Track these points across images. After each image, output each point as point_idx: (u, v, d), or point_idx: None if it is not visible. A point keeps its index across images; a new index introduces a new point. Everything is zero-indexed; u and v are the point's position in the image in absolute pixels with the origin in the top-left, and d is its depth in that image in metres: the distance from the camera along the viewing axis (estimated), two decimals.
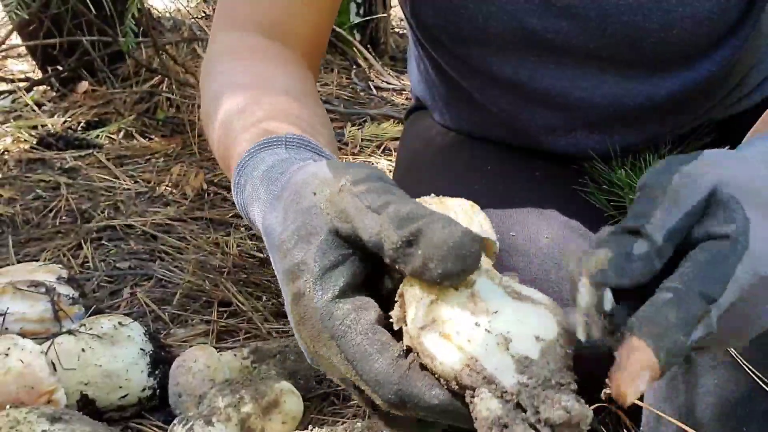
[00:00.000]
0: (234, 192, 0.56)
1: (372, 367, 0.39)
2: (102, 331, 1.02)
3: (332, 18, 0.79)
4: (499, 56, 0.82)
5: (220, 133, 0.64)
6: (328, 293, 0.41)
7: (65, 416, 0.88)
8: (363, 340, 0.39)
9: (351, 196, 0.42)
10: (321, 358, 0.42)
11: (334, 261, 0.41)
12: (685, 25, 0.75)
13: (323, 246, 0.41)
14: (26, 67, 2.47)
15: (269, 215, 0.47)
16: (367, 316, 0.40)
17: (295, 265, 0.42)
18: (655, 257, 0.40)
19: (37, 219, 1.55)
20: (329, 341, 0.40)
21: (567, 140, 0.88)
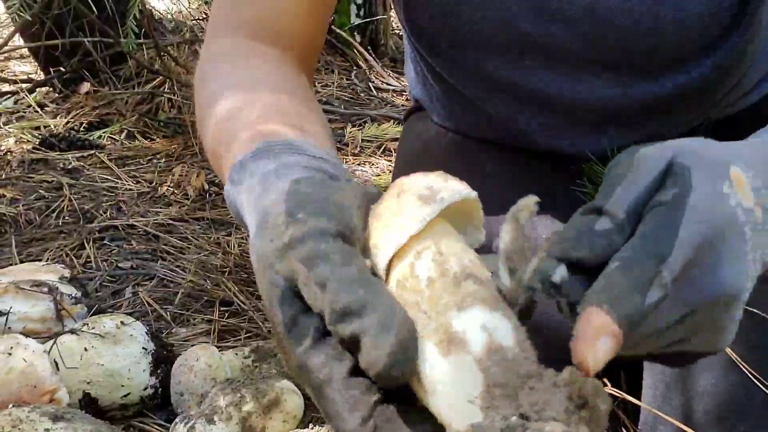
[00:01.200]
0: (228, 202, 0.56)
1: (344, 426, 0.39)
2: (104, 330, 1.03)
3: (327, 21, 0.79)
4: (494, 59, 0.82)
5: (213, 137, 0.64)
6: (301, 345, 0.40)
7: (67, 415, 0.89)
8: (336, 396, 0.39)
9: (295, 259, 0.41)
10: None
11: (300, 308, 0.41)
12: (676, 30, 0.75)
13: (285, 297, 0.41)
14: (29, 69, 2.48)
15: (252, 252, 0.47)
16: (341, 368, 0.40)
17: (270, 314, 0.42)
18: (616, 233, 0.41)
19: (39, 219, 1.56)
20: (308, 389, 0.41)
21: (562, 140, 0.88)
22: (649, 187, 0.42)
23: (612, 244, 0.41)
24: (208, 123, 0.66)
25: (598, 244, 0.41)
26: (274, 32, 0.74)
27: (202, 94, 0.70)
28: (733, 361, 0.70)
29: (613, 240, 0.41)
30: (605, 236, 0.41)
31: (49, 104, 2.18)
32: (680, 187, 0.41)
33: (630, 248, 0.40)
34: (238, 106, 0.64)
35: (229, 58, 0.72)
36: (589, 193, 0.86)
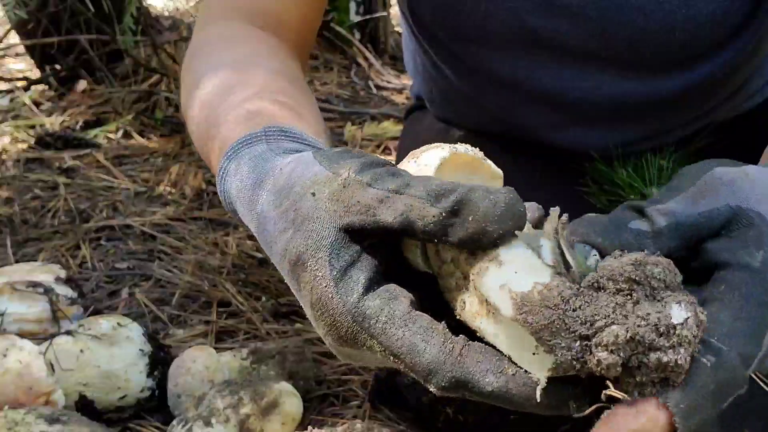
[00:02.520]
0: (219, 190, 0.54)
1: (422, 358, 0.38)
2: (100, 331, 1.02)
3: (321, 11, 0.78)
4: (497, 54, 0.82)
5: (201, 115, 0.62)
6: (353, 294, 0.39)
7: (63, 417, 0.88)
8: (405, 332, 0.38)
9: (361, 187, 0.40)
10: (359, 357, 0.42)
11: (349, 260, 0.40)
12: (687, 28, 0.74)
13: (335, 247, 0.40)
14: (24, 67, 2.47)
15: (268, 226, 0.45)
16: (400, 305, 0.39)
17: (310, 275, 0.41)
18: (650, 240, 0.39)
19: (35, 219, 1.54)
20: (369, 340, 0.39)
21: (565, 136, 0.88)
22: (705, 215, 0.39)
23: (641, 244, 0.39)
24: (194, 101, 0.64)
25: (625, 240, 0.39)
26: (271, 18, 0.73)
27: (190, 72, 0.68)
28: None
29: (645, 244, 0.39)
30: (636, 236, 0.39)
31: (44, 102, 2.17)
32: (766, 253, 0.37)
33: (720, 337, 0.36)
34: (231, 84, 0.62)
35: (223, 39, 0.71)
36: (593, 193, 0.85)
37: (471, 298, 0.40)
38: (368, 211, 0.40)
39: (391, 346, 0.38)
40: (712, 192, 0.40)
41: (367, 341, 0.39)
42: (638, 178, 0.82)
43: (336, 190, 0.41)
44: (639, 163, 0.84)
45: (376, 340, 0.39)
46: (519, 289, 0.36)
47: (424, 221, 0.38)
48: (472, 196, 0.38)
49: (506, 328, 0.38)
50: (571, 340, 0.35)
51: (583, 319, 0.35)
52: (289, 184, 0.44)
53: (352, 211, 0.40)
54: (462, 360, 0.37)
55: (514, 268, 0.37)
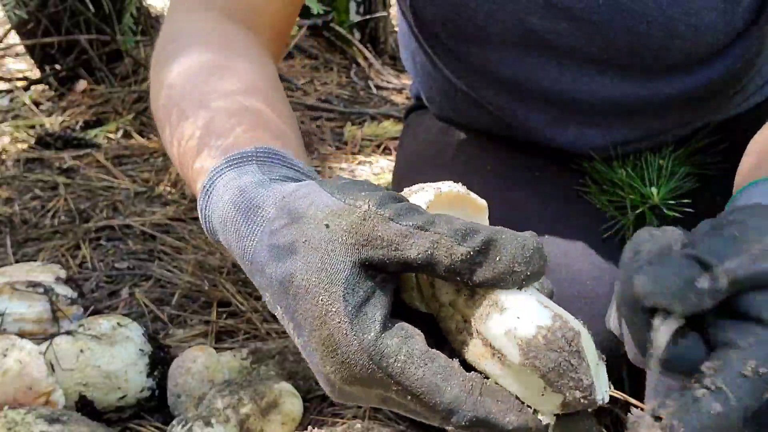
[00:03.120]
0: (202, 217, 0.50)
1: (443, 397, 0.37)
2: (100, 331, 1.02)
3: (299, 5, 0.76)
4: (498, 55, 0.81)
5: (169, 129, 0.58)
6: (371, 332, 0.38)
7: (63, 417, 0.88)
8: (425, 372, 0.38)
9: (383, 221, 0.39)
10: (358, 396, 0.41)
11: (364, 296, 0.39)
12: (688, 35, 0.74)
13: (350, 282, 0.39)
14: (24, 66, 2.47)
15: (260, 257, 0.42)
16: (417, 344, 0.38)
17: (321, 310, 0.39)
18: (710, 297, 0.39)
19: (35, 219, 1.54)
20: (385, 379, 0.38)
21: (564, 136, 0.88)
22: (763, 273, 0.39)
23: (702, 303, 0.39)
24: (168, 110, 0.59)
25: (691, 303, 0.39)
26: (247, 10, 0.70)
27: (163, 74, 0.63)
28: None
29: (705, 302, 0.39)
30: (700, 297, 0.39)
31: (44, 102, 2.17)
32: None
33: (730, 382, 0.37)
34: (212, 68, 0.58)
35: (199, 31, 0.67)
36: (593, 193, 0.85)
37: (474, 341, 0.40)
38: (391, 246, 0.39)
39: (411, 386, 0.38)
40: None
41: (384, 380, 0.38)
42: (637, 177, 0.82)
43: (355, 223, 0.40)
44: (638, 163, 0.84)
45: (394, 379, 0.38)
46: (524, 334, 0.37)
47: (451, 259, 0.38)
48: (500, 237, 0.38)
49: (513, 371, 0.38)
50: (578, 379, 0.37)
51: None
52: (296, 213, 0.42)
53: (373, 245, 0.39)
54: (482, 400, 0.37)
55: (516, 312, 0.38)
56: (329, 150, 1.94)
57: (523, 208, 0.85)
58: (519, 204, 0.86)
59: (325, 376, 0.41)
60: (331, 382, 0.41)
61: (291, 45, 2.43)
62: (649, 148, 0.89)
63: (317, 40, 2.54)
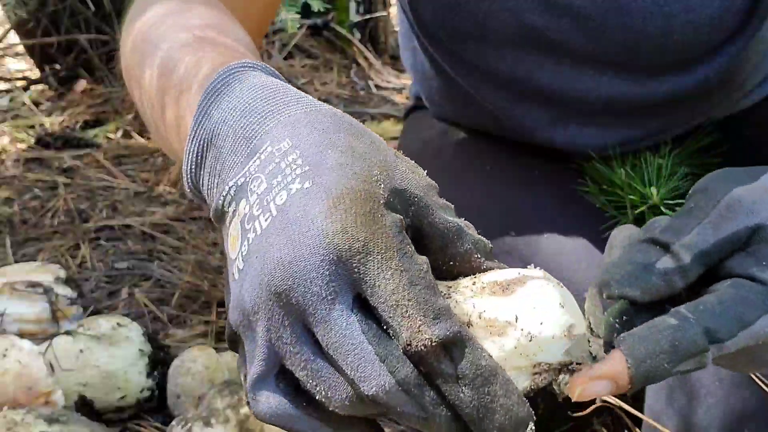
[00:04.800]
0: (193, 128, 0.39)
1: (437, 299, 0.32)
2: (100, 331, 1.02)
3: (276, 5, 0.72)
4: (497, 53, 0.82)
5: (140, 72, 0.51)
6: (397, 219, 0.34)
7: (63, 417, 0.88)
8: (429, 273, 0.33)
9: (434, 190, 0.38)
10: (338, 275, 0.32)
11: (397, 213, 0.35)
12: (686, 31, 0.75)
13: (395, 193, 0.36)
14: (24, 66, 2.47)
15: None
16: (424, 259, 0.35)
17: (370, 178, 0.35)
18: (677, 276, 0.39)
19: (34, 219, 1.54)
20: (392, 252, 0.33)
21: (563, 135, 0.88)
22: (728, 240, 0.40)
23: (671, 285, 0.39)
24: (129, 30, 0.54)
25: (654, 285, 0.39)
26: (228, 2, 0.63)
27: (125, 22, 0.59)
28: None
29: (673, 281, 0.39)
30: (665, 277, 0.39)
31: (44, 102, 2.17)
32: None
33: (693, 309, 0.38)
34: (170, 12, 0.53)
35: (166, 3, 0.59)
36: (592, 192, 0.85)
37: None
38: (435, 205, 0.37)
39: (413, 270, 0.33)
40: (734, 215, 0.40)
41: (390, 251, 0.33)
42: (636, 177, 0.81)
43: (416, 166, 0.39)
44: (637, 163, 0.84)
45: (401, 256, 0.33)
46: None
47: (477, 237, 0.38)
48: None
49: None
50: None
51: None
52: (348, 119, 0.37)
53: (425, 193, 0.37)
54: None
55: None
56: None
57: (522, 207, 0.85)
58: (518, 203, 0.86)
59: (316, 230, 0.33)
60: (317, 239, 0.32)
61: (291, 45, 2.43)
62: (648, 147, 0.89)
63: (317, 39, 2.54)
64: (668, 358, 0.37)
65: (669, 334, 0.37)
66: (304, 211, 0.33)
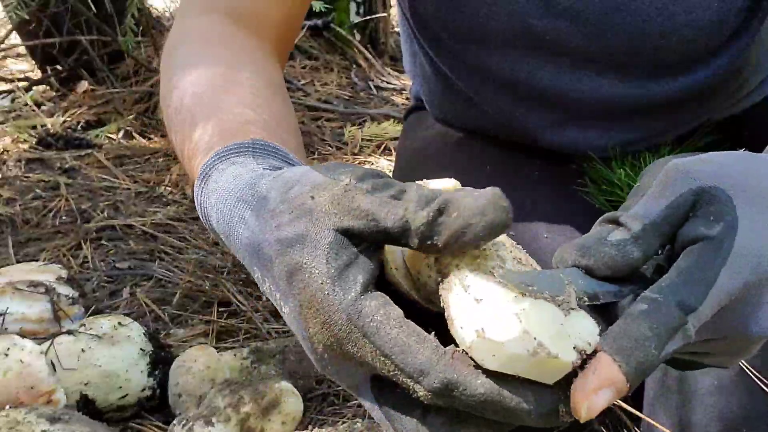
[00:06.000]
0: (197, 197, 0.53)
1: (415, 357, 0.38)
2: (101, 331, 1.02)
3: (304, 9, 0.77)
4: (498, 55, 0.82)
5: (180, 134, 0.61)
6: (351, 292, 0.40)
7: (65, 416, 0.88)
8: (399, 333, 0.38)
9: (362, 193, 0.41)
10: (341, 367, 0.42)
11: (347, 260, 0.40)
12: (686, 33, 0.75)
13: (333, 247, 0.40)
14: (26, 67, 2.47)
15: (256, 228, 0.44)
16: (395, 310, 0.39)
17: (305, 272, 0.41)
18: (631, 245, 0.40)
19: (36, 219, 1.55)
20: (361, 339, 0.39)
21: (563, 136, 0.88)
22: (673, 206, 0.40)
23: (626, 254, 0.39)
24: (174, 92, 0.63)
25: (608, 254, 0.40)
26: (253, 19, 0.71)
27: (170, 66, 0.67)
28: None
29: (628, 250, 0.39)
30: (618, 247, 0.40)
31: (46, 103, 2.17)
32: (726, 224, 0.39)
33: (658, 289, 0.38)
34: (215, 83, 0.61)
35: (202, 41, 0.69)
36: (591, 193, 0.86)
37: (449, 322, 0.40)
38: (368, 216, 0.40)
39: (383, 345, 0.38)
40: (673, 182, 0.41)
41: (360, 341, 0.39)
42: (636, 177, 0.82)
43: (337, 194, 0.41)
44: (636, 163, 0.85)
45: (369, 339, 0.39)
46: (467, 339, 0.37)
47: (415, 224, 0.39)
48: (457, 195, 0.39)
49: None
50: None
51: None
52: (285, 187, 0.44)
53: (353, 215, 0.41)
54: (455, 362, 0.37)
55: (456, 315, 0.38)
56: (329, 150, 1.94)
57: (522, 207, 0.85)
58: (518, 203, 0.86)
59: (309, 342, 0.42)
60: (315, 348, 0.42)
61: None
62: (648, 148, 0.89)
63: (317, 40, 2.54)
64: (653, 342, 0.37)
65: (644, 319, 0.37)
66: (300, 334, 0.42)
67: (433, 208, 0.39)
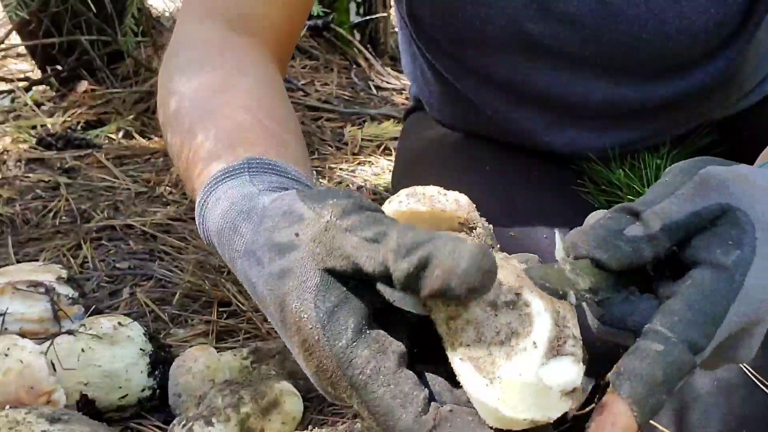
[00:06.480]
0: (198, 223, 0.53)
1: (396, 423, 0.37)
2: (102, 331, 1.02)
3: (305, 13, 0.76)
4: (495, 58, 0.82)
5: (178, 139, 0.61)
6: (342, 339, 0.38)
7: (65, 417, 0.88)
8: (386, 392, 0.37)
9: (341, 232, 0.39)
10: (343, 400, 0.41)
11: (336, 302, 0.39)
12: (681, 38, 0.75)
13: (320, 289, 0.39)
14: (26, 67, 2.47)
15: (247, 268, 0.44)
16: (388, 361, 0.38)
17: (296, 316, 0.40)
18: (645, 244, 0.39)
19: (36, 219, 1.55)
20: (349, 389, 0.39)
21: (561, 138, 0.88)
22: (696, 214, 0.39)
23: (639, 252, 0.39)
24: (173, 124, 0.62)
25: (622, 250, 0.39)
26: (253, 25, 0.71)
27: (169, 71, 0.67)
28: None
29: (641, 248, 0.39)
30: (633, 243, 0.39)
31: (46, 103, 2.17)
32: (741, 254, 0.38)
33: (670, 326, 0.38)
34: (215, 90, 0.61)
35: (201, 48, 0.69)
36: (591, 193, 0.86)
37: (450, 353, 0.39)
38: (348, 258, 0.39)
39: (368, 402, 0.38)
40: (705, 190, 0.40)
41: (348, 390, 0.39)
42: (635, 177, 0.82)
43: (318, 232, 0.40)
44: (636, 163, 0.85)
45: (356, 392, 0.38)
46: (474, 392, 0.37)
47: (396, 274, 0.38)
48: (440, 248, 0.37)
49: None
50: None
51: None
52: (272, 225, 0.43)
53: (333, 256, 0.39)
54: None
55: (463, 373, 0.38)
56: (329, 150, 1.95)
57: (522, 206, 0.86)
58: (518, 203, 0.86)
59: (310, 378, 0.42)
60: (317, 385, 0.42)
61: None
62: (647, 148, 0.89)
63: (317, 41, 2.54)
64: (666, 388, 0.37)
65: (659, 362, 0.37)
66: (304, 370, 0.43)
67: (413, 262, 0.37)
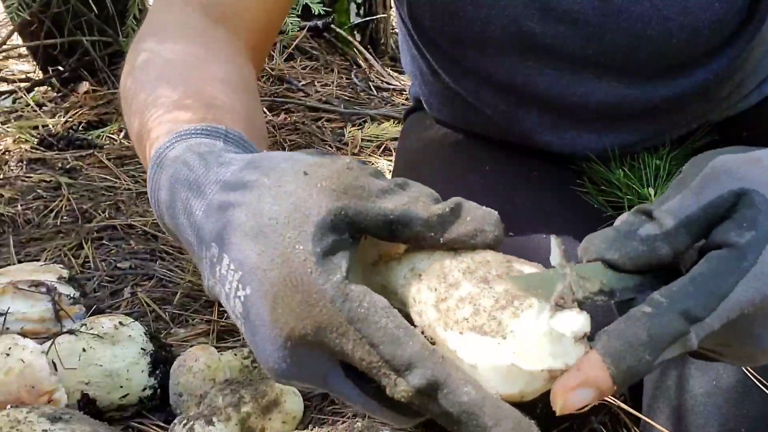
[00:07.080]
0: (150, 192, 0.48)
1: (404, 349, 0.35)
2: (103, 330, 1.02)
3: (285, 11, 0.74)
4: (495, 59, 0.82)
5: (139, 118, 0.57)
6: (336, 274, 0.37)
7: (66, 416, 0.88)
8: (388, 322, 0.36)
9: (365, 174, 0.39)
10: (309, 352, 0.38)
11: (333, 244, 0.38)
12: (684, 35, 0.75)
13: (321, 227, 0.37)
14: (27, 68, 2.47)
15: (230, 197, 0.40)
16: (381, 300, 0.37)
17: (287, 248, 0.37)
18: (661, 242, 0.38)
19: (38, 219, 1.55)
20: (344, 325, 0.36)
21: (561, 139, 0.88)
22: (709, 206, 0.39)
23: (654, 250, 0.38)
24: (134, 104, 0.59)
25: (635, 249, 0.39)
26: (229, 15, 0.68)
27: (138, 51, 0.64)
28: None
29: (657, 246, 0.38)
30: (648, 242, 0.38)
31: (47, 103, 2.17)
32: (757, 233, 0.37)
33: (667, 294, 0.37)
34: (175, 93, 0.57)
35: (173, 33, 0.66)
36: (590, 193, 0.86)
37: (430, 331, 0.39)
38: (371, 197, 0.38)
39: (372, 334, 0.36)
40: (715, 181, 0.39)
41: (342, 326, 0.36)
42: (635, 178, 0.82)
43: (337, 171, 0.39)
44: (635, 164, 0.85)
45: (355, 325, 0.36)
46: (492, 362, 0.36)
47: (428, 213, 0.39)
48: (468, 203, 0.41)
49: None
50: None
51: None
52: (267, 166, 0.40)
53: (352, 194, 0.38)
54: (444, 362, 0.36)
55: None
56: (330, 151, 1.95)
57: (522, 206, 0.86)
58: (518, 203, 0.86)
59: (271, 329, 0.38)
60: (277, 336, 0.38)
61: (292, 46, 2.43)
62: (647, 149, 0.89)
63: (318, 41, 2.54)
64: (648, 349, 0.36)
65: (644, 323, 0.36)
66: (260, 320, 0.38)
67: (448, 205, 0.40)
